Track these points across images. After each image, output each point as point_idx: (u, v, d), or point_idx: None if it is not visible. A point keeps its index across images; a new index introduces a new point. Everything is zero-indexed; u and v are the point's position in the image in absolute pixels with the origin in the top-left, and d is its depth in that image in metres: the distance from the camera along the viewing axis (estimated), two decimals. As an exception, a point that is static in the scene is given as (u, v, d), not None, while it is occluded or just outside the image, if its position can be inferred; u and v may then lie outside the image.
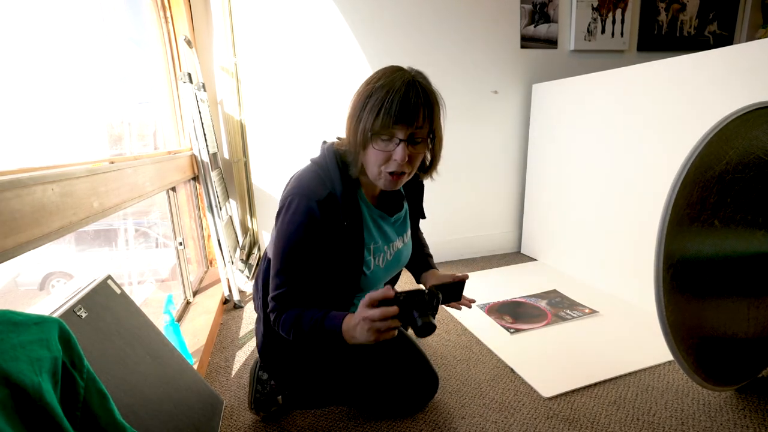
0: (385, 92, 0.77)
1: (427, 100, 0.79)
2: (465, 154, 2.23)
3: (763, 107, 0.91)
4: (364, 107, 0.79)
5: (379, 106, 0.76)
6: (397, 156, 0.79)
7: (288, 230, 0.84)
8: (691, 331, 0.94)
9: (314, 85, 1.94)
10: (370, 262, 0.94)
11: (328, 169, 0.87)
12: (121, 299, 0.94)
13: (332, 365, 1.02)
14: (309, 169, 0.89)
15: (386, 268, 0.99)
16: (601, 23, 2.28)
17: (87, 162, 0.94)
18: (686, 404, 1.08)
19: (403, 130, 0.78)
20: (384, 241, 0.97)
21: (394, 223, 1.00)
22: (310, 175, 0.87)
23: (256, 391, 1.07)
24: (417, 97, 0.77)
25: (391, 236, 0.99)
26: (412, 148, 0.80)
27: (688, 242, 0.90)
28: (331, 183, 0.85)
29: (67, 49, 1.14)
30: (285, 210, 0.85)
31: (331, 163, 0.87)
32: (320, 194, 0.83)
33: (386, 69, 0.82)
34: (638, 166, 1.62)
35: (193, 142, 1.64)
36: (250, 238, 2.04)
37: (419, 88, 0.78)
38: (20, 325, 0.47)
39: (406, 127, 0.78)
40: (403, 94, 0.76)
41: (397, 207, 1.01)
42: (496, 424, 1.04)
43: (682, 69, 1.43)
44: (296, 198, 0.83)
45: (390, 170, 0.81)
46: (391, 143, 0.79)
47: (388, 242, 0.98)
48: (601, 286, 1.83)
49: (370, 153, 0.81)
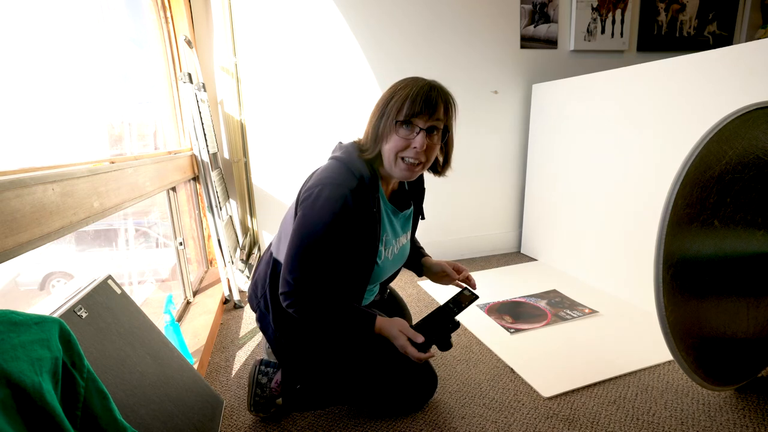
0: (410, 89, 0.88)
1: (446, 99, 0.91)
2: (465, 154, 2.23)
3: (762, 107, 0.91)
4: (387, 103, 0.90)
5: (404, 99, 0.87)
6: (417, 143, 0.88)
7: (319, 217, 0.87)
8: (690, 331, 0.94)
9: (314, 85, 1.94)
10: (381, 253, 1.00)
11: (353, 162, 0.93)
12: (121, 299, 0.94)
13: (336, 359, 1.04)
14: (334, 164, 0.94)
15: (393, 261, 1.06)
16: (600, 23, 2.29)
17: (87, 162, 0.94)
18: (686, 404, 1.08)
19: (423, 120, 0.88)
20: (393, 235, 1.04)
21: (402, 219, 1.07)
22: (337, 167, 0.93)
23: (255, 395, 1.07)
24: (437, 95, 0.89)
25: (398, 231, 1.06)
26: (429, 140, 0.89)
27: (688, 242, 0.90)
28: (359, 172, 0.91)
29: (67, 49, 1.14)
30: (315, 198, 0.88)
31: (356, 157, 0.94)
32: (352, 183, 0.89)
33: (409, 77, 0.93)
34: (638, 166, 1.62)
35: (193, 142, 1.64)
36: (250, 238, 2.04)
37: (439, 89, 0.90)
38: (21, 325, 0.47)
39: (427, 118, 0.88)
40: (427, 91, 0.88)
41: (406, 205, 1.09)
42: (496, 424, 1.04)
43: (681, 69, 1.43)
44: (328, 187, 0.88)
45: (409, 157, 0.90)
46: (412, 132, 0.88)
47: (396, 236, 1.05)
48: (601, 286, 1.83)
49: (392, 141, 0.89)
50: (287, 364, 1.08)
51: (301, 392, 1.09)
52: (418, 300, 1.81)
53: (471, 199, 2.31)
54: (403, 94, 0.88)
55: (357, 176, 0.90)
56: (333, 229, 0.88)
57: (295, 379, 1.09)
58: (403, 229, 1.08)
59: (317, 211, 0.87)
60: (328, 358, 1.04)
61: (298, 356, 1.06)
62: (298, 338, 1.04)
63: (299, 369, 1.07)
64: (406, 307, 1.44)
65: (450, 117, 0.93)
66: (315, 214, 0.88)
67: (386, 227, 1.01)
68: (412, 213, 1.11)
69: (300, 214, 0.91)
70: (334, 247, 0.89)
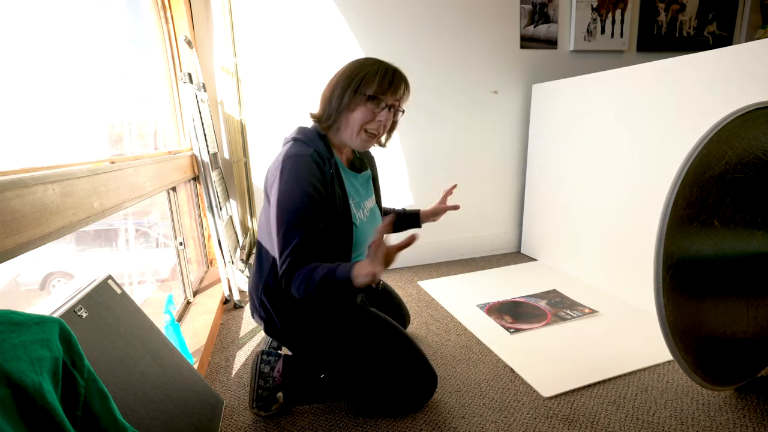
0: (378, 67, 0.98)
1: (406, 82, 1.02)
2: (465, 154, 2.23)
3: (762, 107, 0.91)
4: (353, 77, 0.97)
5: (374, 75, 0.96)
6: (382, 117, 0.98)
7: (291, 185, 0.93)
8: (690, 331, 0.94)
9: (314, 86, 1.94)
10: (355, 216, 1.06)
11: (307, 135, 1.02)
12: (121, 299, 0.94)
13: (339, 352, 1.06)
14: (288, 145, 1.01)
15: (368, 222, 1.13)
16: (600, 23, 2.29)
17: (88, 162, 0.94)
18: (686, 404, 1.08)
19: (390, 97, 0.99)
20: (359, 197, 1.11)
21: (362, 180, 1.15)
22: (292, 145, 1.01)
23: (258, 386, 1.08)
24: (401, 77, 1.00)
25: (362, 193, 1.14)
26: (390, 115, 1.01)
27: (688, 242, 0.90)
28: (312, 144, 1.00)
29: (67, 49, 1.14)
30: (281, 172, 0.94)
31: (310, 132, 1.03)
32: (308, 151, 0.97)
33: (368, 57, 1.04)
34: (638, 166, 1.62)
35: (193, 142, 1.64)
36: (250, 238, 2.04)
37: (401, 72, 1.01)
38: (21, 325, 0.47)
39: (393, 97, 0.99)
40: (393, 72, 0.99)
41: (363, 168, 1.18)
42: (496, 424, 1.04)
43: (681, 69, 1.43)
44: (290, 159, 0.95)
45: (372, 129, 1.00)
46: (377, 107, 0.98)
47: (362, 199, 1.13)
48: (601, 286, 1.84)
49: (358, 112, 0.98)
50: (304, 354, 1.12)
51: (303, 385, 1.09)
52: (418, 300, 1.81)
53: (471, 199, 2.31)
54: (372, 70, 0.97)
55: (312, 146, 0.99)
56: (308, 191, 0.93)
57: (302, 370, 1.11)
58: (367, 193, 1.17)
59: (288, 181, 0.93)
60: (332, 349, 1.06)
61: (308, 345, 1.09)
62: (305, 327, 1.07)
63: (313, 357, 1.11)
64: (404, 305, 1.45)
65: (405, 99, 1.05)
66: (287, 184, 0.93)
67: (350, 190, 1.07)
68: (371, 176, 1.20)
69: (275, 193, 0.95)
70: (313, 209, 0.93)
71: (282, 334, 1.10)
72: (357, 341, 1.06)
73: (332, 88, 1.01)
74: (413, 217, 1.35)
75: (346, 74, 0.99)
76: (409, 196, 2.19)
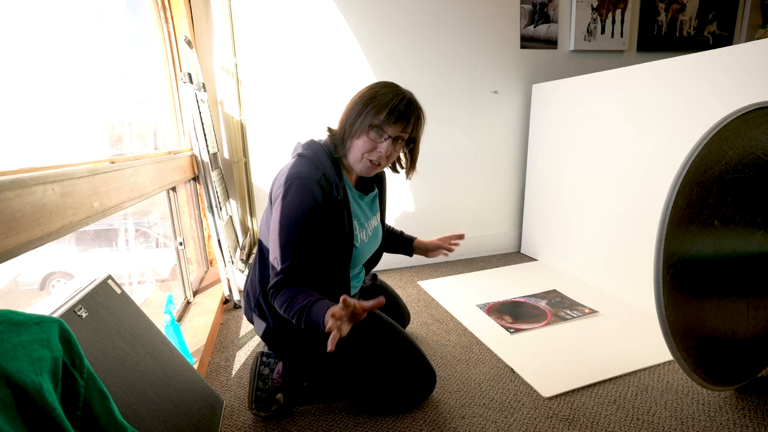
0: (391, 97, 0.96)
1: (418, 114, 1.00)
2: (465, 154, 2.23)
3: (762, 107, 0.91)
4: (368, 103, 0.96)
5: (384, 106, 0.95)
6: (382, 149, 0.98)
7: (292, 209, 0.95)
8: (690, 331, 0.94)
9: (314, 86, 1.94)
10: (357, 236, 1.07)
11: (317, 157, 1.02)
12: (121, 299, 0.94)
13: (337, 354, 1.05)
14: (299, 161, 1.02)
15: (369, 242, 1.14)
16: (600, 23, 2.29)
17: (87, 162, 0.94)
18: (686, 404, 1.08)
19: (393, 129, 0.97)
20: (364, 218, 1.13)
21: (369, 201, 1.16)
22: (302, 162, 1.01)
23: (257, 388, 1.08)
24: (411, 110, 0.98)
25: (367, 213, 1.15)
26: (393, 147, 0.99)
27: (688, 242, 0.90)
28: (322, 166, 1.01)
29: (67, 49, 1.14)
30: (285, 192, 0.96)
31: (320, 152, 1.02)
32: (317, 175, 0.98)
33: (388, 82, 1.02)
34: (638, 166, 1.62)
35: (193, 142, 1.64)
36: (250, 238, 2.04)
37: (414, 104, 0.99)
38: (21, 325, 0.47)
39: (397, 129, 0.97)
40: (405, 104, 0.96)
41: (370, 188, 1.18)
42: (496, 424, 1.04)
43: (681, 69, 1.43)
44: (296, 180, 0.96)
45: (372, 158, 0.99)
46: (380, 137, 0.97)
47: (367, 219, 1.14)
48: (601, 286, 1.84)
49: (361, 140, 0.98)
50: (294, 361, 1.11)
51: (303, 385, 1.09)
52: (418, 300, 1.81)
53: (471, 199, 2.31)
54: (383, 100, 0.95)
55: (321, 169, 1.00)
56: (305, 218, 0.95)
57: (299, 374, 1.11)
58: (372, 211, 1.18)
59: (289, 203, 0.95)
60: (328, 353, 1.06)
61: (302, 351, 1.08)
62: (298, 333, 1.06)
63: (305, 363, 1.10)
64: (402, 303, 1.45)
65: (418, 130, 1.03)
66: (288, 206, 0.95)
67: (356, 212, 1.09)
68: (377, 194, 1.21)
69: (277, 210, 0.97)
70: (309, 234, 0.96)
71: (275, 336, 1.09)
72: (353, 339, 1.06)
73: (348, 110, 1.01)
74: (407, 244, 1.35)
75: (361, 99, 0.99)
76: (409, 196, 2.19)
